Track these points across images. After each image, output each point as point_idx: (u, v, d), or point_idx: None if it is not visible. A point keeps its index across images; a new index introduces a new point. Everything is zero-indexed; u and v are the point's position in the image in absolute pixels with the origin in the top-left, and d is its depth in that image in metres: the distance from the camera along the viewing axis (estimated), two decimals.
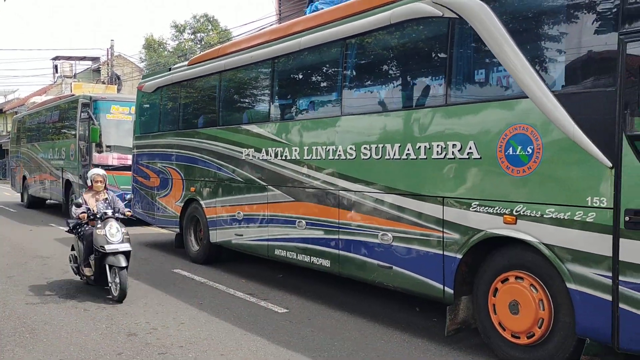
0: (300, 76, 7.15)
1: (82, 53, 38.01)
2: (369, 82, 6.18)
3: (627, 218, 3.65)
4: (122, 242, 6.43)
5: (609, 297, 3.78)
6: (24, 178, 18.48)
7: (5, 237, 11.42)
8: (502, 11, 4.54)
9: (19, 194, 19.51)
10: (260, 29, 15.22)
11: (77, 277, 7.14)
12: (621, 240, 3.68)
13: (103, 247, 6.32)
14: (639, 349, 3.73)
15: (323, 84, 6.81)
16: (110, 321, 5.60)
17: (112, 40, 32.00)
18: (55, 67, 38.35)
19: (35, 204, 17.71)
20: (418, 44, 5.51)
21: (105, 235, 6.36)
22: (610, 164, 3.76)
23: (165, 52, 40.90)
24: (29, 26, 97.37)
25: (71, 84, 27.65)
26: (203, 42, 37.84)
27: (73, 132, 14.57)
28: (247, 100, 8.14)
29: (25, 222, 14.32)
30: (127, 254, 6.45)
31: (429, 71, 5.41)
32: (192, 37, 41.18)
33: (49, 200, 17.18)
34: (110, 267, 6.37)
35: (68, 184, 14.64)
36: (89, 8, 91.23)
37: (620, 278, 3.70)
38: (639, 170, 3.62)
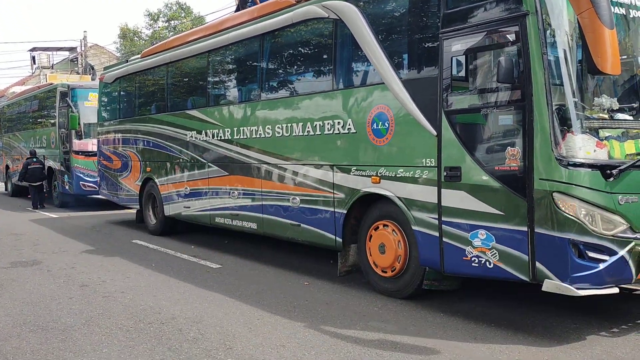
0: (230, 66, 8.24)
1: (59, 44, 38.38)
2: (279, 72, 7.30)
3: (445, 173, 4.83)
4: None
5: (437, 234, 4.96)
6: (7, 167, 19.04)
7: None
8: (368, 14, 5.66)
9: (3, 183, 20.20)
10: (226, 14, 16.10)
11: (45, 248, 8.27)
12: (442, 190, 4.86)
13: None
14: (458, 272, 4.93)
15: (247, 73, 7.91)
16: (68, 278, 6.71)
17: (85, 31, 32.55)
18: (33, 58, 38.69)
19: (19, 192, 18.07)
20: (313, 40, 6.63)
21: None
22: (435, 133, 4.91)
23: (141, 41, 41.36)
24: (5, 19, 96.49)
25: (47, 74, 28.34)
26: (176, 29, 38.35)
27: (52, 120, 15.04)
28: (189, 88, 9.21)
29: (5, 207, 15.30)
30: None
31: (322, 62, 6.51)
32: (167, 24, 41.66)
33: None
34: None
35: (50, 171, 15.25)
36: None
37: (443, 219, 4.88)
38: (452, 137, 4.78)
